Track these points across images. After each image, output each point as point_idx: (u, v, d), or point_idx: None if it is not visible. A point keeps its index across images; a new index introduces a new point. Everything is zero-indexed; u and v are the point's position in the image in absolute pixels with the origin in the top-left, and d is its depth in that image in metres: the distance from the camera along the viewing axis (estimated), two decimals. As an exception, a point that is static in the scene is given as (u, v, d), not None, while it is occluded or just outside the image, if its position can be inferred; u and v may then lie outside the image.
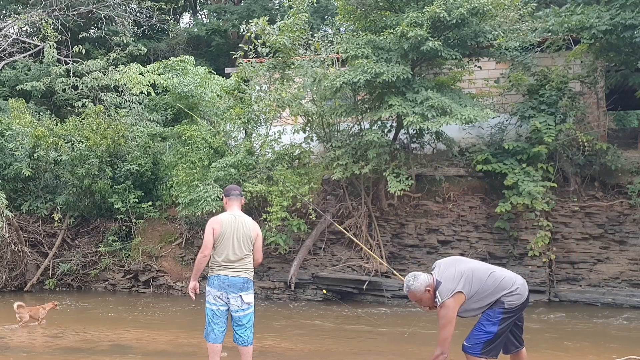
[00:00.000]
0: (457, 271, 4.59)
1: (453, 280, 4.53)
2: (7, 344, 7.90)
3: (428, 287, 4.59)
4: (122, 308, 11.17)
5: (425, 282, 4.60)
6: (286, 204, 11.29)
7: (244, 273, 5.51)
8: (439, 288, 4.53)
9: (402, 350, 7.59)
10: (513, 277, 4.71)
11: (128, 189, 13.50)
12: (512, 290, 4.57)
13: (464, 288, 4.49)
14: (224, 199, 5.84)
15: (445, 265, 4.73)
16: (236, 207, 5.69)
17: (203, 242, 5.54)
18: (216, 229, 5.47)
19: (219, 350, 5.49)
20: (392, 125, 11.70)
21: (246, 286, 5.52)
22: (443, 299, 4.48)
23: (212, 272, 5.52)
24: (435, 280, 4.60)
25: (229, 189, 5.83)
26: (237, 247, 5.49)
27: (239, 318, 5.51)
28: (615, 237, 11.44)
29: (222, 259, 5.45)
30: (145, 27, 20.80)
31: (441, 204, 12.13)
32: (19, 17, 17.85)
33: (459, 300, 4.48)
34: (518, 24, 11.51)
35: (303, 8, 11.77)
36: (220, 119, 13.58)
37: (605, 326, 9.24)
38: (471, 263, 4.81)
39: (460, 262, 4.80)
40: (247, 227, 5.58)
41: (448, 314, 4.45)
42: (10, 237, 12.57)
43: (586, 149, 11.39)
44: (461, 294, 4.48)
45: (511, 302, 4.55)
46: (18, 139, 13.74)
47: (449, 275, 4.58)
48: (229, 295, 5.45)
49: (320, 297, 11.73)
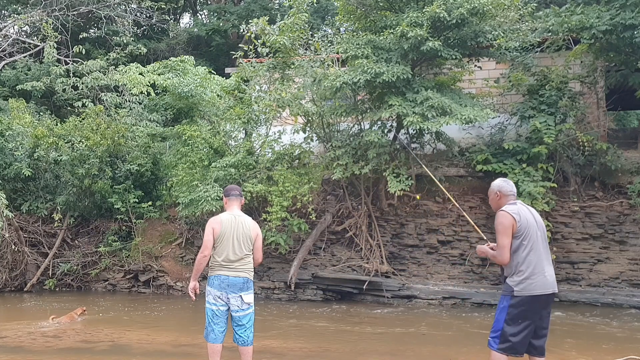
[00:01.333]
0: (524, 215, 4.73)
1: (517, 212, 4.72)
2: (7, 344, 7.90)
3: (498, 192, 4.90)
4: (122, 308, 11.17)
5: (499, 188, 4.91)
6: (286, 204, 11.29)
7: (244, 273, 5.52)
8: (507, 204, 4.78)
9: (402, 350, 7.60)
10: (545, 270, 4.72)
11: (128, 189, 13.50)
12: (527, 276, 4.63)
13: (519, 222, 4.66)
14: (223, 199, 5.85)
15: (523, 206, 4.85)
16: (236, 207, 5.70)
17: (203, 242, 5.54)
18: (216, 228, 5.48)
19: (219, 350, 5.49)
20: (392, 126, 11.70)
21: (246, 286, 5.52)
22: (502, 209, 4.76)
23: (212, 272, 5.53)
24: (508, 198, 4.84)
25: (229, 189, 5.83)
26: (237, 247, 5.49)
27: (239, 318, 5.51)
28: (615, 237, 11.44)
29: (222, 259, 5.45)
30: (145, 27, 20.82)
31: (441, 204, 12.13)
32: (19, 17, 17.85)
33: (511, 222, 4.66)
34: (518, 24, 11.51)
35: (303, 8, 11.78)
36: (220, 119, 13.58)
37: (606, 326, 9.23)
38: (537, 225, 4.81)
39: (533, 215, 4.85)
40: (247, 227, 5.59)
41: (503, 222, 4.67)
42: (10, 237, 12.57)
43: (586, 149, 11.39)
44: (515, 222, 4.66)
45: (519, 292, 4.62)
46: (18, 139, 13.75)
47: (520, 208, 4.77)
48: (229, 295, 5.45)
49: (320, 297, 11.74)
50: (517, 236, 4.67)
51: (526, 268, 4.64)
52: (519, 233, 4.66)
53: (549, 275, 4.74)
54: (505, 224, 4.66)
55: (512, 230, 4.65)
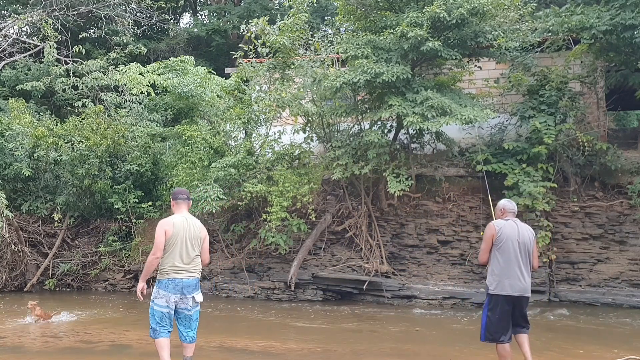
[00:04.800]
0: (507, 230, 5.63)
1: (501, 226, 5.67)
2: (7, 344, 7.90)
3: (502, 209, 5.88)
4: (122, 308, 11.17)
5: (503, 206, 5.89)
6: (286, 204, 11.28)
7: (195, 274, 5.67)
8: (499, 219, 5.81)
9: (402, 350, 7.60)
10: (514, 274, 5.56)
11: (128, 189, 13.51)
12: (499, 279, 5.58)
13: (499, 234, 5.62)
14: (172, 202, 5.92)
15: (513, 223, 5.72)
16: (185, 209, 5.83)
17: (154, 243, 5.62)
18: (168, 230, 5.58)
19: (168, 343, 5.60)
20: (392, 126, 11.70)
21: (197, 286, 5.70)
22: (491, 222, 5.81)
23: (165, 275, 5.61)
24: (506, 215, 5.80)
25: (177, 192, 5.91)
26: (190, 248, 5.62)
27: (189, 317, 5.65)
28: (615, 237, 11.45)
29: (175, 261, 5.55)
30: (145, 27, 20.80)
31: (441, 204, 12.13)
32: (19, 17, 17.85)
33: (492, 232, 5.65)
34: (518, 24, 11.52)
35: (303, 8, 11.78)
36: (220, 119, 13.58)
37: (605, 326, 9.24)
38: (519, 240, 5.63)
39: (518, 230, 5.68)
40: (197, 229, 5.72)
41: (486, 232, 5.73)
42: (10, 237, 12.58)
43: (586, 149, 11.39)
44: (495, 233, 5.64)
45: (492, 291, 5.60)
46: (18, 139, 13.75)
47: (506, 223, 5.70)
48: (182, 297, 5.57)
49: (320, 297, 11.74)
50: (494, 244, 5.64)
51: (498, 272, 5.59)
52: (496, 242, 5.62)
53: (518, 281, 5.58)
54: (487, 232, 5.72)
55: (491, 239, 5.65)
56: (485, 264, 5.75)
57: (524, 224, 5.79)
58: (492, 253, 5.64)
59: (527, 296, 5.63)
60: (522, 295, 5.58)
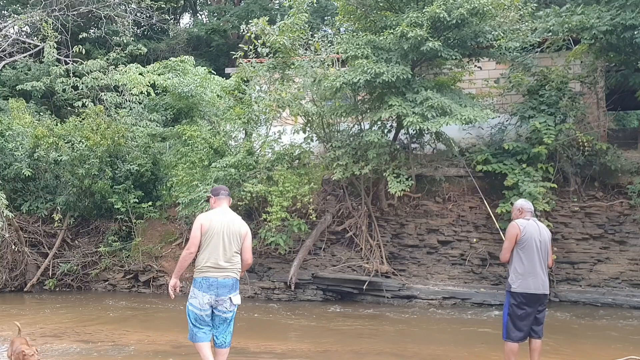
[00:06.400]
0: (530, 229, 5.74)
1: (525, 225, 5.77)
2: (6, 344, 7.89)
3: (520, 208, 5.95)
4: (122, 308, 11.17)
5: (521, 205, 5.98)
6: (286, 204, 11.28)
7: (233, 273, 5.31)
8: (519, 219, 5.86)
9: (402, 350, 7.60)
10: (537, 272, 5.67)
11: (128, 189, 13.50)
12: (522, 277, 5.65)
13: (523, 233, 5.70)
14: (211, 199, 5.63)
15: (534, 222, 5.86)
16: (225, 205, 5.53)
17: (190, 238, 5.33)
18: (204, 225, 5.26)
19: (208, 346, 5.31)
20: (392, 126, 11.70)
21: (235, 287, 5.34)
22: (515, 221, 5.87)
23: (200, 274, 5.29)
24: (524, 215, 5.89)
25: (218, 189, 5.66)
26: (228, 245, 5.27)
27: (224, 319, 5.34)
28: (615, 237, 11.45)
29: (210, 259, 5.22)
30: (145, 27, 20.81)
31: (441, 204, 12.13)
32: (19, 17, 17.85)
33: (516, 232, 5.72)
34: (518, 24, 11.52)
35: (303, 8, 11.76)
36: (220, 119, 13.58)
37: (606, 326, 9.24)
38: (540, 239, 5.75)
39: (539, 229, 5.81)
40: (236, 225, 5.38)
41: (510, 230, 5.79)
42: (11, 237, 12.58)
43: (586, 149, 11.38)
44: (519, 232, 5.72)
45: (516, 289, 5.66)
46: (18, 139, 13.75)
47: (528, 222, 5.80)
48: (218, 298, 5.25)
49: (320, 297, 11.74)
50: (518, 244, 5.70)
51: (522, 270, 5.68)
52: (520, 242, 5.69)
53: (540, 279, 5.69)
54: (511, 232, 5.77)
55: (515, 238, 5.71)
56: (506, 262, 5.86)
57: (542, 224, 5.93)
58: (515, 252, 5.73)
59: (547, 294, 5.78)
60: (544, 293, 5.72)
